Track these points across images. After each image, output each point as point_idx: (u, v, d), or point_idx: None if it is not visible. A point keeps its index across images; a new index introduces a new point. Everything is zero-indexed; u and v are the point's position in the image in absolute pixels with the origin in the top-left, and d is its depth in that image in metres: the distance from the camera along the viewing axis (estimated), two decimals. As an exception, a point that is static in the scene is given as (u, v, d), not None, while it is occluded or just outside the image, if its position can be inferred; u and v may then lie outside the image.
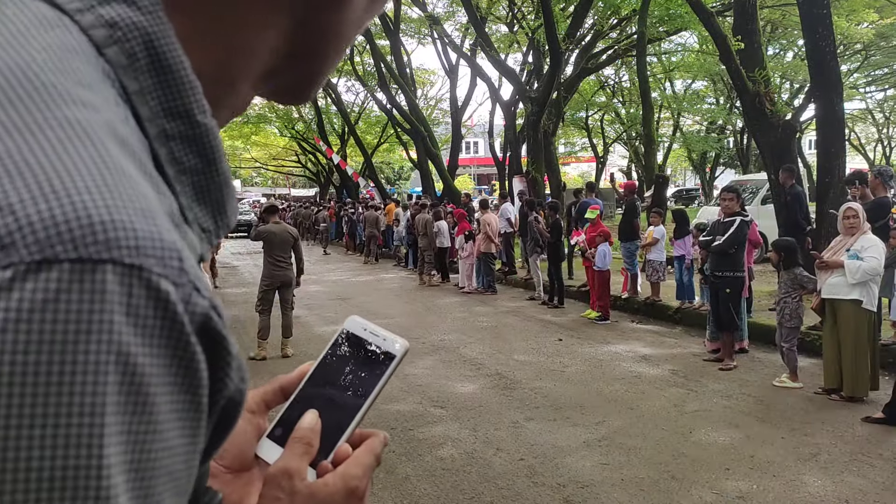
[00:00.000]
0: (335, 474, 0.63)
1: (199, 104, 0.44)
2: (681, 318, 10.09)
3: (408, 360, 8.15)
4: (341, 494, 0.62)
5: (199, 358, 0.38)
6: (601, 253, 10.40)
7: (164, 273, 0.36)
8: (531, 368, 7.78)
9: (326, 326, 10.69)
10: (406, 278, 17.05)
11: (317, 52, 0.54)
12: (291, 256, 8.64)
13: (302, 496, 0.61)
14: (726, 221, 7.64)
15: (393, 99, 26.48)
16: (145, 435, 0.36)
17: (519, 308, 12.07)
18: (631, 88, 31.44)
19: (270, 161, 50.14)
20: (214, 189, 0.46)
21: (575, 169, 61.78)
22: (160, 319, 0.36)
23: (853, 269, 6.26)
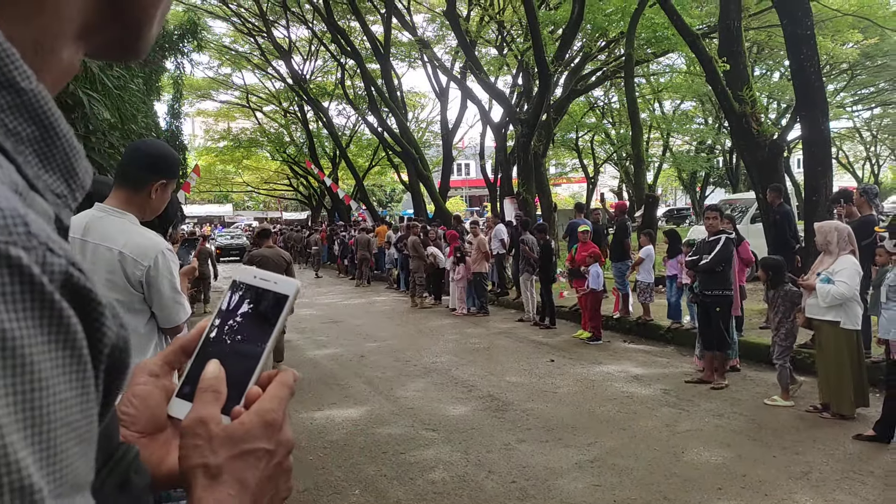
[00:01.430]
0: (249, 413, 0.65)
1: (21, 70, 0.43)
2: (672, 337, 10.11)
3: (400, 382, 8.17)
4: (259, 428, 0.64)
5: (69, 313, 0.40)
6: (594, 274, 10.44)
7: (10, 240, 0.37)
8: (523, 390, 7.78)
9: (318, 350, 10.66)
10: (398, 300, 17.03)
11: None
12: None
13: (219, 439, 0.63)
14: (712, 240, 7.69)
15: (384, 122, 26.62)
16: (32, 393, 0.37)
17: (511, 329, 12.07)
18: (620, 109, 31.72)
19: (262, 185, 50.18)
20: (59, 154, 0.46)
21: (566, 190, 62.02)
22: (18, 284, 0.37)
23: (823, 293, 6.26)
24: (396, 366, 9.29)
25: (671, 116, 33.77)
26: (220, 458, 0.62)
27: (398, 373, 8.86)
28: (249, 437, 0.64)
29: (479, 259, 13.73)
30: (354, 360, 9.76)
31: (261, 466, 0.64)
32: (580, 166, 36.59)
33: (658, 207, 19.90)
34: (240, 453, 0.63)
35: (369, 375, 8.78)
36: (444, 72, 25.29)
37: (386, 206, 61.81)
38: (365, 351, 10.44)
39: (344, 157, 33.00)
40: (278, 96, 37.58)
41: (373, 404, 7.39)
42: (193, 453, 0.62)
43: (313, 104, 32.06)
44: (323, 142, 38.73)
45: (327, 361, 9.79)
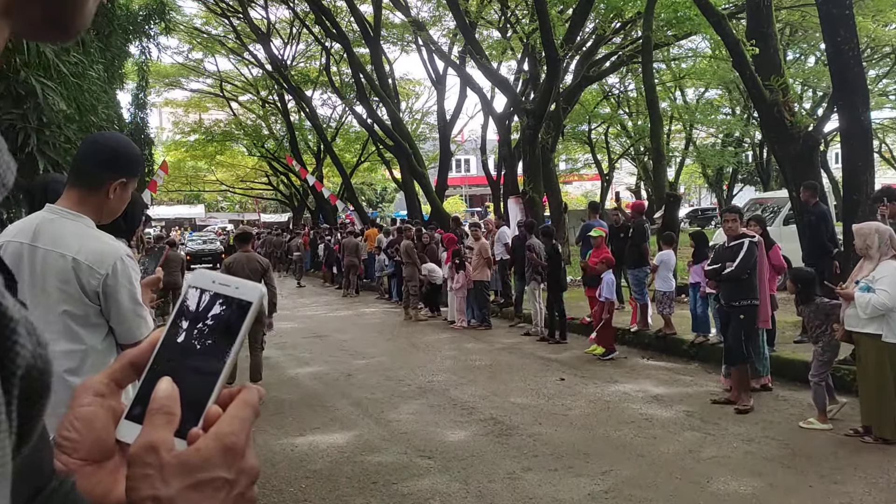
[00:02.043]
0: (207, 437, 0.64)
1: None
2: (696, 353, 10.12)
3: (391, 404, 8.15)
4: (218, 455, 0.63)
5: None
6: (607, 282, 10.45)
7: None
8: (530, 412, 7.77)
9: (301, 368, 10.66)
10: (390, 312, 17.03)
11: None
12: None
13: (172, 467, 0.62)
14: (733, 245, 7.69)
15: (374, 113, 26.66)
16: None
17: (516, 344, 12.06)
18: (637, 98, 31.81)
19: (238, 183, 50.25)
20: None
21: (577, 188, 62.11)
22: None
23: (862, 303, 6.26)
24: (388, 385, 9.28)
25: (694, 106, 33.84)
26: (172, 489, 0.61)
27: (390, 393, 8.85)
28: (207, 465, 0.63)
29: (481, 266, 13.73)
30: (341, 380, 9.74)
31: (219, 498, 0.63)
32: (593, 162, 36.70)
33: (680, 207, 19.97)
34: (195, 483, 0.62)
35: (357, 396, 8.76)
36: (441, 56, 25.36)
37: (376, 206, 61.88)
38: (352, 369, 10.42)
39: (329, 153, 33.08)
40: (256, 84, 37.66)
41: (361, 429, 7.37)
42: (142, 484, 0.61)
43: (295, 93, 32.15)
44: (306, 135, 38.81)
45: (310, 381, 9.78)
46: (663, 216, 13.82)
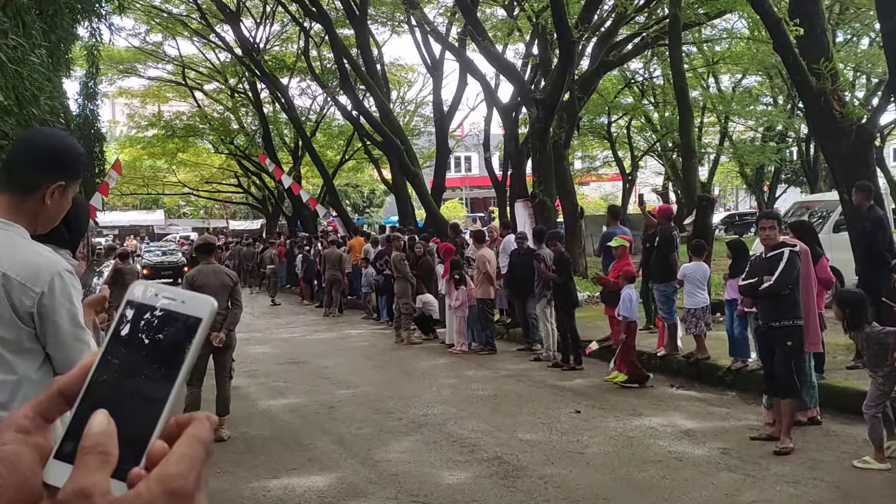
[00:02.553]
0: (149, 479, 0.64)
1: None
2: (733, 381, 10.10)
3: (380, 441, 8.13)
4: (162, 500, 0.63)
5: None
6: (625, 298, 10.43)
7: None
8: (540, 450, 7.75)
9: (274, 399, 10.64)
10: (378, 334, 17.01)
11: None
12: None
13: None
14: (771, 256, 7.66)
15: (360, 103, 26.73)
16: None
17: (524, 371, 12.05)
18: (665, 86, 31.89)
19: (202, 185, 50.27)
20: None
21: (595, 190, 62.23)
22: None
23: None
24: (376, 419, 9.25)
25: (730, 95, 33.97)
26: None
27: (378, 429, 8.82)
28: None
29: (484, 281, 13.72)
30: (321, 413, 9.72)
31: None
32: (613, 159, 36.76)
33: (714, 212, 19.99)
34: None
35: (341, 432, 8.73)
36: (437, 39, 25.43)
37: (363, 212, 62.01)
38: (335, 400, 10.40)
39: (308, 150, 33.12)
40: (224, 71, 37.78)
41: (345, 470, 7.34)
42: None
43: (268, 81, 32.21)
44: (281, 129, 38.88)
45: (286, 414, 9.75)
46: (694, 222, 13.82)
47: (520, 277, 13.26)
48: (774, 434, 7.69)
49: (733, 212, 54.56)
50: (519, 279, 13.32)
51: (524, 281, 13.17)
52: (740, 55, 28.19)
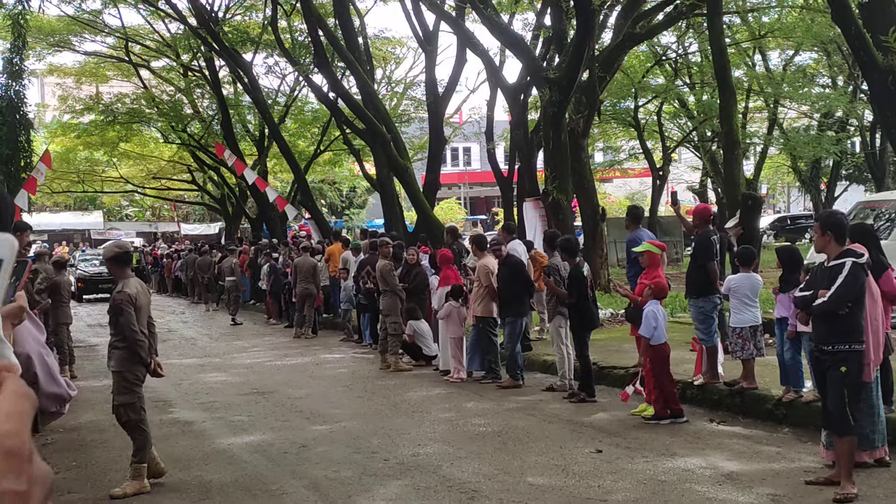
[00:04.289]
0: None
1: None
2: (785, 414, 10.11)
3: (363, 486, 8.13)
4: (0, 463, 0.64)
5: None
6: (649, 316, 10.42)
7: None
8: (554, 496, 7.75)
9: (235, 437, 10.63)
10: (360, 359, 17.00)
11: None
12: None
13: None
14: (833, 266, 7.67)
15: (338, 84, 26.78)
16: None
17: (535, 403, 12.05)
18: (702, 64, 31.99)
19: (149, 182, 50.28)
20: None
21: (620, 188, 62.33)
22: None
23: None
24: (357, 461, 9.25)
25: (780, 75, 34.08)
26: None
27: (360, 471, 8.82)
28: None
29: (485, 296, 13.72)
30: (292, 453, 9.71)
31: None
32: (641, 151, 36.82)
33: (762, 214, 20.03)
34: None
35: (315, 476, 8.73)
36: (430, 7, 25.45)
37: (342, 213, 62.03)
38: (308, 438, 10.38)
39: (276, 139, 33.12)
40: (175, 45, 37.81)
41: (320, 521, 7.33)
42: None
43: (229, 57, 32.19)
44: (244, 115, 38.92)
45: (249, 454, 9.74)
46: (738, 225, 13.86)
47: (509, 295, 13.38)
48: (834, 477, 7.71)
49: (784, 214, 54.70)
50: (509, 296, 13.42)
51: (504, 298, 13.38)
52: (792, 27, 28.32)
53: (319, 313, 21.83)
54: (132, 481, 8.37)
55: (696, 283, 11.69)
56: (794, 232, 42.95)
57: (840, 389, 7.55)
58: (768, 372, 10.92)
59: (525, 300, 13.56)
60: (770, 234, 42.60)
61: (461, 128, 41.37)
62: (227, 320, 25.44)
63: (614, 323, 16.98)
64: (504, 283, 13.37)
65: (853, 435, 7.62)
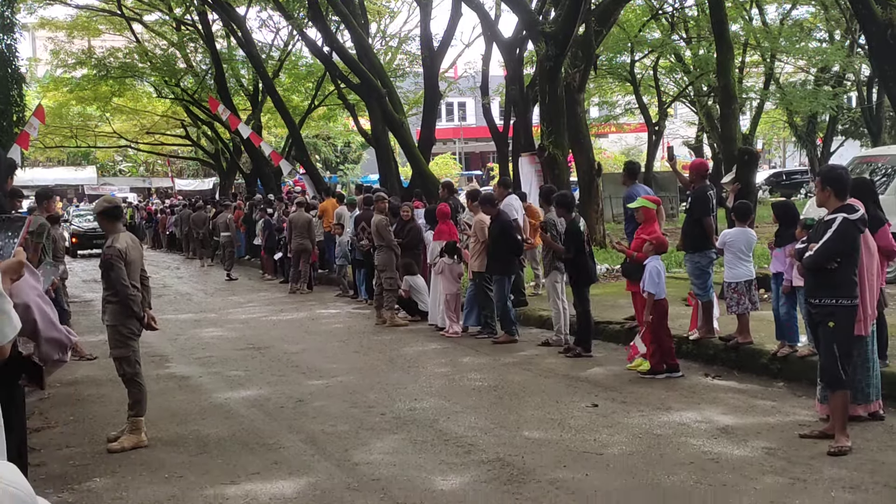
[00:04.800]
0: None
1: None
2: (780, 369, 10.15)
3: (359, 440, 8.17)
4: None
5: None
6: (652, 272, 10.43)
7: None
8: (550, 450, 7.78)
9: (232, 391, 10.65)
10: (356, 315, 17.03)
11: None
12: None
13: None
14: (827, 220, 7.68)
15: (332, 38, 26.57)
16: None
17: (531, 358, 12.08)
18: (700, 18, 31.80)
19: (143, 137, 50.06)
20: None
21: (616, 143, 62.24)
22: None
23: None
24: (354, 415, 9.28)
25: (777, 29, 33.89)
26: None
27: (357, 425, 8.85)
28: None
29: (482, 251, 13.71)
30: (289, 407, 9.74)
31: None
32: (637, 106, 36.70)
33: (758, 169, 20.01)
34: None
35: (312, 430, 8.76)
36: (425, -41, 25.27)
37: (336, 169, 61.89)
38: (305, 393, 10.41)
39: (270, 94, 32.97)
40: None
41: (318, 474, 7.37)
42: None
43: (222, 10, 31.93)
44: (237, 70, 38.67)
45: (246, 409, 9.77)
46: (734, 180, 13.83)
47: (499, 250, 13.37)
48: (828, 431, 7.75)
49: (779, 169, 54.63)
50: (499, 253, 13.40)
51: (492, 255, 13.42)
52: (790, -20, 28.14)
53: (314, 269, 21.83)
54: (129, 435, 8.39)
55: (692, 237, 11.69)
56: (790, 187, 42.98)
57: (830, 344, 7.58)
58: (763, 327, 10.94)
59: (511, 260, 13.54)
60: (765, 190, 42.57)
61: (456, 83, 41.21)
62: (221, 276, 25.44)
63: (609, 278, 17.02)
64: (493, 240, 13.36)
65: (846, 389, 7.65)
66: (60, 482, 7.40)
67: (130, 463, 7.88)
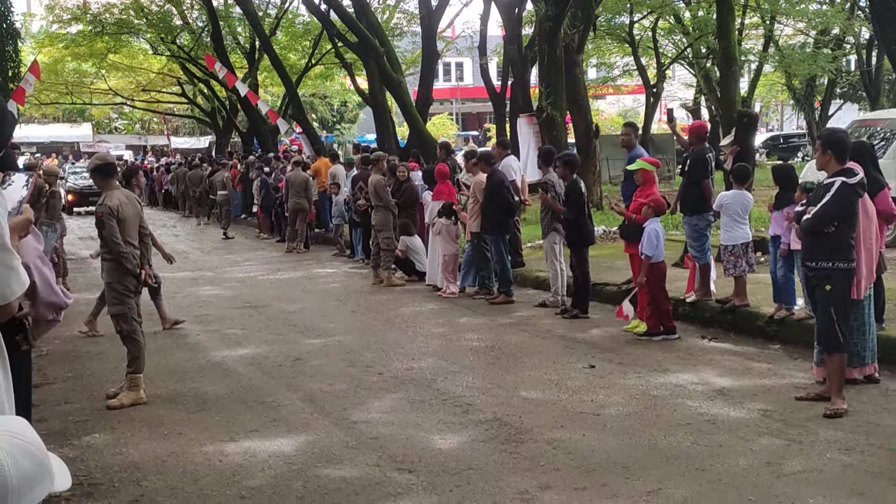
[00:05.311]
0: None
1: None
2: (776, 331, 10.19)
3: (357, 399, 8.21)
4: None
5: None
6: (651, 234, 10.44)
7: None
8: (547, 410, 7.83)
9: (230, 350, 10.69)
10: (353, 274, 17.06)
11: None
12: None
13: None
14: (826, 184, 7.68)
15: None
16: None
17: (528, 319, 12.12)
18: (699, -21, 31.56)
19: (139, 94, 49.77)
20: None
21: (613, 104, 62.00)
22: None
23: None
24: (352, 374, 9.32)
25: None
26: None
27: (355, 384, 8.89)
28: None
29: (480, 212, 13.70)
30: (287, 366, 9.78)
31: None
32: (636, 68, 36.48)
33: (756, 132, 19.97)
34: None
35: (310, 389, 8.80)
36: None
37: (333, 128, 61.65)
38: (303, 351, 10.46)
39: (267, 52, 32.73)
40: (164, -46, 37.10)
41: (316, 432, 7.41)
42: None
43: (219, -33, 31.65)
44: (234, 27, 38.39)
45: (244, 367, 9.81)
46: (733, 142, 13.79)
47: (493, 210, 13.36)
48: (824, 393, 7.80)
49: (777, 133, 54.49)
50: (492, 213, 13.38)
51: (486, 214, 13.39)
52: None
53: (311, 228, 21.82)
54: (128, 392, 8.42)
55: (690, 200, 11.69)
56: (787, 150, 42.91)
57: (827, 307, 7.61)
58: (760, 290, 10.98)
59: (504, 220, 13.50)
60: (763, 153, 42.52)
61: (454, 42, 40.89)
62: (218, 234, 25.41)
63: (606, 240, 17.02)
64: (486, 199, 13.35)
65: (843, 352, 7.68)
66: (60, 437, 7.44)
67: (129, 419, 7.93)
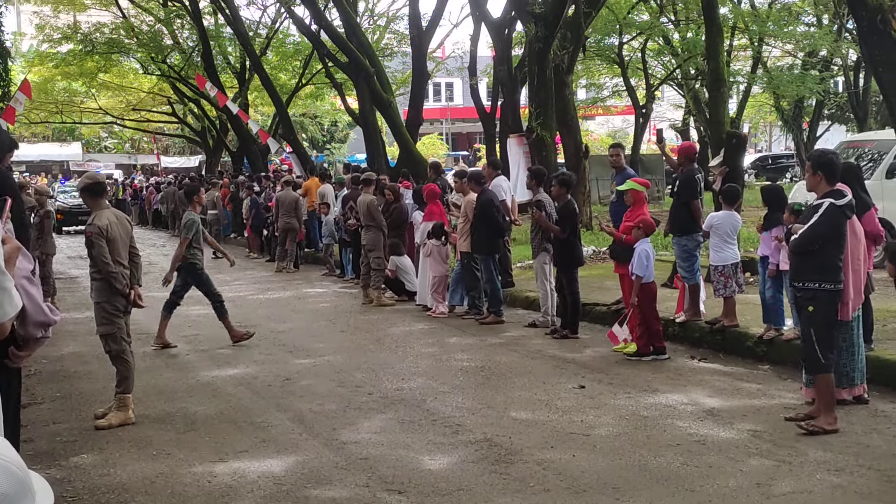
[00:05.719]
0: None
1: None
2: (766, 352, 10.20)
3: (346, 419, 8.19)
4: None
5: None
6: (641, 254, 10.46)
7: None
8: (537, 431, 7.82)
9: (219, 370, 10.65)
10: (342, 294, 17.03)
11: None
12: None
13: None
14: (814, 205, 7.71)
15: (321, 16, 26.44)
16: None
17: (518, 339, 12.12)
18: (688, 0, 31.73)
19: (129, 113, 49.72)
20: None
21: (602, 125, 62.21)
22: None
23: None
24: (341, 394, 9.30)
25: (765, 13, 33.88)
26: None
27: (344, 405, 8.87)
28: None
29: (470, 232, 13.71)
30: (276, 386, 9.75)
31: None
32: (625, 89, 36.67)
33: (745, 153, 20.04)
34: None
35: (299, 409, 8.77)
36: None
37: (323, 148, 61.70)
38: (292, 371, 10.43)
39: (258, 72, 32.79)
40: (155, -26, 37.17)
41: (305, 453, 7.39)
42: None
43: (210, -13, 31.73)
44: (225, 47, 38.42)
45: (233, 387, 9.77)
46: (722, 163, 13.85)
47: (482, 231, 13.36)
48: (813, 414, 7.80)
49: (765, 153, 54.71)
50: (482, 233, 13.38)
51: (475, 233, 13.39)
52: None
53: (301, 248, 21.81)
54: (117, 412, 8.38)
55: (679, 220, 11.72)
56: (775, 171, 43.09)
57: (807, 329, 7.63)
58: (749, 310, 11.00)
59: (494, 239, 13.50)
60: (751, 174, 42.69)
61: (444, 63, 41.05)
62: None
63: (596, 260, 17.05)
64: (476, 219, 13.36)
65: (825, 373, 7.67)
66: (48, 458, 7.40)
67: (118, 440, 7.89)
